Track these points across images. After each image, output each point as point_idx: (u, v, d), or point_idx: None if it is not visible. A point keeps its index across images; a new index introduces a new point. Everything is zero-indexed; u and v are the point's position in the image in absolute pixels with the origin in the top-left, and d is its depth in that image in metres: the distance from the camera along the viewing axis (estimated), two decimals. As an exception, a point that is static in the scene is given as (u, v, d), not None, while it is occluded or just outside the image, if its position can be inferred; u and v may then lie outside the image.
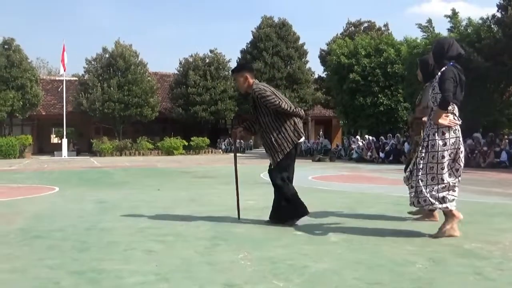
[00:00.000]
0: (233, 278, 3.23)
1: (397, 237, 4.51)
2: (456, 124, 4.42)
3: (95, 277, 3.30)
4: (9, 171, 17.08)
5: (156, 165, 19.88)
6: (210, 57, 37.60)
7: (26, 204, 7.32)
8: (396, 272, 3.33)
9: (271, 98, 5.02)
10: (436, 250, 3.97)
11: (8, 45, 32.05)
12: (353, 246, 4.13)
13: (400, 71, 25.33)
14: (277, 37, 37.71)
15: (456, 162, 4.44)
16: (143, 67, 35.08)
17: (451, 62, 4.53)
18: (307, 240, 4.43)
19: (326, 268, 3.45)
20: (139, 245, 4.28)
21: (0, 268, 3.54)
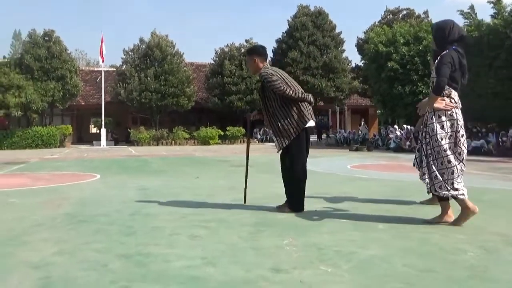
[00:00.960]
0: (280, 263, 3.20)
1: (446, 225, 4.41)
2: (452, 108, 4.37)
3: (142, 261, 3.32)
4: (51, 159, 17.50)
5: (193, 154, 20.03)
6: (246, 47, 37.50)
7: (71, 190, 7.48)
8: (447, 260, 3.24)
9: (277, 83, 4.99)
10: (487, 239, 3.85)
11: (49, 37, 32.70)
12: (401, 234, 4.05)
13: (440, 59, 24.73)
14: (313, 26, 37.34)
15: (457, 146, 4.37)
16: (179, 57, 35.28)
17: (454, 46, 4.45)
18: (353, 227, 4.37)
19: (374, 254, 3.38)
20: (183, 230, 4.30)
21: (49, 251, 3.61)
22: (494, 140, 18.61)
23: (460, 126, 4.39)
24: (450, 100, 4.40)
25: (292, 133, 5.06)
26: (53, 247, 3.74)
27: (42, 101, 30.43)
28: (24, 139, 30.46)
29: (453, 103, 4.40)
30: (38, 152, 24.08)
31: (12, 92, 29.00)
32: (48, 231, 4.33)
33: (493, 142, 18.55)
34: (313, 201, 5.87)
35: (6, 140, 30.18)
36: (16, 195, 6.99)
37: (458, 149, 4.37)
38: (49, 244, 3.84)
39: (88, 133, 42.78)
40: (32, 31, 32.70)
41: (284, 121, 5.06)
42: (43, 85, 30.81)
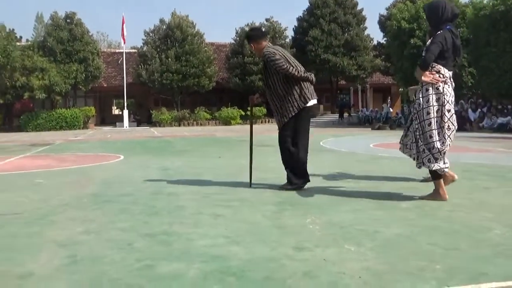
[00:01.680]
0: (303, 242, 3.20)
1: (471, 203, 4.36)
2: (439, 81, 4.38)
3: (166, 239, 3.35)
4: (75, 141, 17.74)
5: (214, 134, 20.10)
6: (266, 26, 37.18)
7: (95, 171, 7.59)
8: (473, 238, 3.20)
9: (280, 61, 5.02)
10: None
11: (70, 19, 32.91)
12: (425, 212, 4.01)
13: (465, 35, 24.21)
14: (335, 4, 36.86)
15: (443, 120, 4.40)
16: (200, 37, 35.21)
17: (448, 25, 4.49)
18: (376, 205, 4.34)
19: (399, 233, 3.36)
20: (206, 209, 4.32)
21: (76, 230, 3.66)
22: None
23: (447, 101, 4.41)
24: (439, 75, 4.42)
25: (292, 111, 5.11)
26: (79, 226, 3.80)
27: (65, 83, 30.77)
28: (48, 121, 30.94)
29: (441, 78, 4.42)
30: (62, 134, 24.44)
31: (36, 75, 29.37)
32: (74, 211, 4.40)
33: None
34: (335, 180, 5.87)
35: (31, 122, 30.69)
36: (42, 176, 7.11)
37: (443, 123, 4.40)
38: (76, 223, 3.90)
39: (111, 115, 43.21)
40: (54, 13, 32.97)
41: (285, 99, 5.12)
42: (66, 67, 31.13)
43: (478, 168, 6.90)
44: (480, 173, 6.39)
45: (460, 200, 4.46)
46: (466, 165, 7.32)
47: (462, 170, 6.72)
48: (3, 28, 31.50)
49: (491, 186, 5.33)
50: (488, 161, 7.96)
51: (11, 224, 3.95)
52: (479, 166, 7.23)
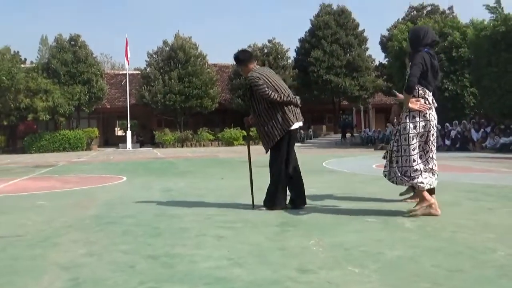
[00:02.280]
0: (306, 264, 3.18)
1: (474, 224, 4.33)
2: (426, 109, 4.55)
3: (169, 262, 3.34)
4: (78, 162, 17.77)
5: (217, 155, 20.10)
6: (269, 47, 37.50)
7: (98, 192, 7.58)
8: (477, 259, 3.17)
9: (262, 87, 5.08)
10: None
11: (75, 42, 33.24)
12: (428, 233, 3.99)
13: (466, 55, 24.37)
14: (336, 25, 37.19)
15: (427, 144, 4.63)
16: (203, 58, 35.48)
17: (426, 48, 4.68)
18: (379, 226, 4.32)
19: (402, 255, 3.33)
20: (209, 231, 4.30)
21: (78, 253, 3.65)
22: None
23: (432, 126, 4.61)
24: (425, 101, 4.59)
25: (277, 135, 5.17)
26: (82, 248, 3.79)
27: (69, 104, 30.95)
28: (51, 142, 31.07)
29: (427, 104, 4.59)
30: (65, 155, 24.50)
31: (40, 97, 29.57)
32: (77, 233, 4.39)
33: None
34: (338, 201, 5.85)
35: (35, 143, 30.81)
36: (45, 197, 7.11)
37: (427, 147, 4.64)
38: (78, 245, 3.89)
39: (114, 136, 43.32)
40: (58, 36, 33.31)
41: (269, 123, 5.18)
42: (70, 89, 31.35)
43: (482, 189, 6.86)
44: (484, 193, 6.35)
45: (464, 221, 4.44)
46: (470, 185, 7.31)
47: (466, 190, 6.72)
48: (8, 51, 31.82)
49: (495, 206, 5.29)
50: (492, 182, 7.92)
51: (14, 246, 3.94)
52: (483, 186, 7.19)
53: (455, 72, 25.23)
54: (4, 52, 31.56)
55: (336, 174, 10.05)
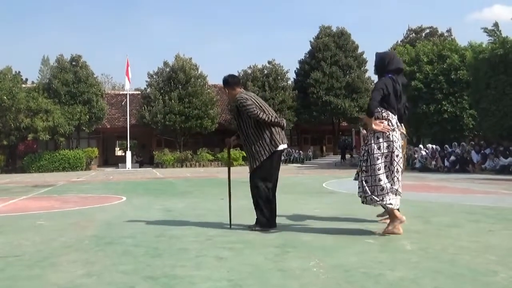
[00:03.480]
0: (307, 285, 3.16)
1: (476, 246, 4.30)
2: (389, 130, 4.73)
3: (168, 283, 3.31)
4: (78, 182, 17.73)
5: (216, 176, 20.06)
6: (268, 68, 37.70)
7: (97, 213, 7.55)
8: (479, 282, 3.15)
9: (251, 107, 5.20)
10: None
11: (76, 62, 33.42)
12: (429, 255, 3.96)
13: (465, 77, 24.54)
14: (336, 47, 37.46)
15: (392, 165, 4.77)
16: (203, 79, 35.62)
17: (390, 74, 4.89)
18: (380, 248, 4.30)
19: (403, 276, 3.31)
20: (209, 252, 4.28)
21: (77, 273, 3.62)
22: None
23: (396, 147, 4.76)
24: (388, 123, 4.76)
25: (263, 155, 5.24)
26: (81, 268, 3.76)
27: (69, 124, 30.98)
28: (51, 162, 31.04)
29: (390, 126, 4.76)
30: (65, 175, 24.46)
31: (40, 116, 29.63)
32: (76, 253, 4.36)
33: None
34: (338, 222, 5.83)
35: (35, 163, 30.79)
36: (44, 217, 7.09)
37: (392, 167, 4.77)
38: (77, 265, 3.87)
39: (114, 156, 43.35)
40: (60, 56, 33.52)
41: (256, 143, 5.26)
42: (70, 109, 31.42)
43: (482, 211, 6.85)
44: (485, 215, 6.33)
45: (465, 243, 4.42)
46: (470, 207, 7.30)
47: (466, 212, 6.71)
48: (9, 71, 32.01)
49: (496, 228, 5.27)
50: (491, 203, 7.91)
51: (12, 266, 3.92)
52: (483, 208, 7.18)
53: (454, 94, 25.38)
54: (5, 72, 31.74)
55: (336, 195, 10.01)
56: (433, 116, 25.47)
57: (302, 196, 9.45)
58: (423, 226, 5.48)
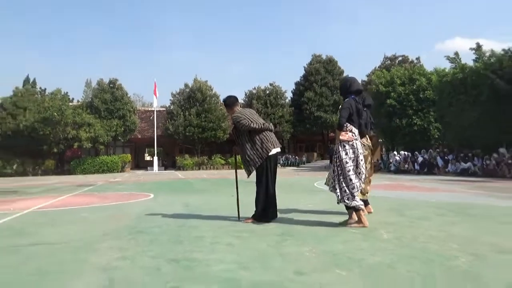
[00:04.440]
0: (302, 267, 3.14)
1: (442, 235, 4.26)
2: (352, 139, 4.79)
3: (189, 265, 3.31)
4: (114, 182, 17.74)
5: (228, 177, 20.01)
6: (270, 89, 37.77)
7: (130, 207, 7.55)
8: (445, 265, 3.13)
9: (243, 121, 5.22)
10: (478, 247, 3.70)
11: (113, 84, 33.61)
12: (403, 243, 3.93)
13: (431, 96, 24.46)
14: (325, 71, 37.54)
15: (358, 168, 4.80)
16: (216, 98, 35.68)
17: (352, 95, 4.95)
18: (362, 237, 4.27)
19: (381, 261, 3.29)
20: (222, 239, 4.27)
21: (113, 257, 3.62)
22: (479, 163, 18.15)
23: (359, 153, 4.82)
24: (352, 134, 4.82)
25: (257, 162, 5.20)
26: (117, 253, 3.76)
27: (107, 135, 31.11)
28: (93, 165, 31.11)
29: (354, 136, 4.82)
30: (103, 176, 24.48)
31: (84, 129, 29.77)
32: (112, 240, 4.36)
33: (478, 165, 18.09)
34: (328, 215, 5.80)
35: (79, 166, 30.88)
36: (87, 211, 7.09)
37: (358, 170, 4.80)
38: (114, 251, 3.86)
39: (143, 161, 43.35)
40: (100, 80, 33.80)
41: (251, 152, 5.23)
42: (108, 122, 31.56)
43: (447, 206, 6.80)
44: (448, 210, 6.29)
45: (433, 233, 4.38)
46: (437, 203, 7.26)
47: (434, 207, 6.67)
48: (59, 92, 32.25)
49: (458, 221, 5.23)
50: (454, 200, 7.85)
51: (61, 251, 3.93)
52: (447, 204, 7.13)
53: (422, 110, 25.29)
54: (56, 93, 31.98)
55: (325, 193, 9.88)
56: (405, 128, 25.38)
57: (298, 194, 9.41)
58: (398, 219, 5.44)
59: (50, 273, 3.17)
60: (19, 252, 3.91)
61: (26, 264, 3.44)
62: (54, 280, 2.99)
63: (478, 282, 2.74)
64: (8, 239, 4.57)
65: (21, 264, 3.45)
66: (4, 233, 5.00)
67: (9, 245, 4.26)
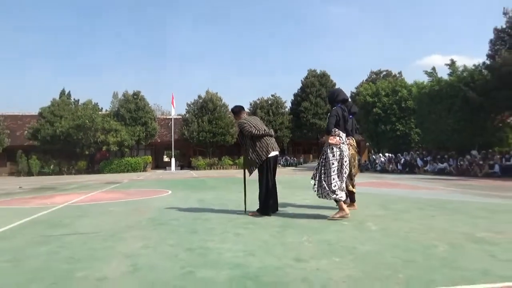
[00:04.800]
0: (301, 255, 3.13)
1: (422, 227, 4.23)
2: (339, 143, 4.78)
3: (202, 252, 3.30)
4: (137, 180, 17.76)
5: (236, 175, 20.01)
6: (272, 100, 37.75)
7: (151, 202, 7.53)
8: (425, 254, 3.10)
9: (246, 128, 5.23)
10: (454, 237, 3.67)
11: (136, 95, 33.72)
12: (389, 233, 3.90)
13: (412, 106, 24.36)
14: (319, 84, 37.49)
15: (342, 168, 4.78)
16: (225, 107, 35.68)
17: (339, 104, 4.96)
18: (353, 228, 4.24)
19: (370, 249, 3.27)
20: (231, 230, 4.26)
21: (137, 245, 3.62)
22: (454, 164, 18.03)
23: (345, 155, 4.80)
24: (339, 138, 4.82)
25: (258, 162, 5.20)
26: (140, 242, 3.76)
27: (131, 139, 31.20)
28: (119, 166, 31.21)
29: (341, 140, 4.82)
30: (128, 175, 24.52)
31: (111, 134, 29.86)
32: (136, 231, 4.36)
33: (453, 165, 17.97)
34: (323, 209, 5.76)
35: (107, 167, 30.98)
36: (114, 205, 7.10)
37: (343, 170, 4.79)
38: (137, 240, 3.86)
39: (162, 161, 43.40)
40: (125, 92, 33.92)
41: (252, 154, 5.24)
42: (132, 129, 31.67)
43: (426, 201, 6.75)
44: (428, 204, 6.24)
45: (414, 225, 4.35)
46: (418, 199, 7.20)
47: (415, 202, 6.62)
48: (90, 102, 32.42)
49: (436, 214, 5.18)
50: (433, 196, 7.80)
51: (92, 240, 3.93)
52: (427, 200, 7.07)
53: (404, 118, 25.19)
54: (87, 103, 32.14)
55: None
56: (389, 133, 25.29)
57: (296, 190, 9.37)
58: (384, 212, 5.40)
59: (82, 260, 3.17)
60: (54, 241, 3.91)
61: (59, 253, 3.44)
62: (85, 266, 2.98)
63: (455, 268, 2.71)
64: (46, 230, 4.59)
65: (55, 253, 3.45)
66: (43, 224, 5.02)
67: (46, 235, 4.27)
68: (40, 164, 30.85)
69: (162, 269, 2.84)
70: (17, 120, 36.73)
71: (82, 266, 2.97)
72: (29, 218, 5.53)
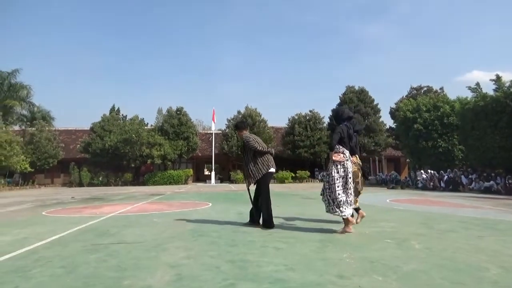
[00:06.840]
0: (343, 272, 3.02)
1: (469, 247, 3.97)
2: (343, 160, 4.74)
3: (243, 265, 3.27)
4: (179, 192, 18.09)
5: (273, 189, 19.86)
6: (310, 115, 37.43)
7: (192, 214, 7.61)
8: (475, 276, 2.90)
9: (252, 143, 5.41)
10: (505, 260, 3.41)
11: (179, 111, 34.61)
12: (434, 253, 3.69)
13: (455, 122, 23.30)
14: (358, 100, 36.77)
15: (347, 183, 4.74)
16: (264, 123, 35.78)
17: (345, 122, 5.00)
18: (396, 246, 4.06)
19: (415, 268, 3.10)
20: (270, 244, 4.21)
21: (180, 256, 3.65)
22: (501, 182, 16.94)
23: (349, 171, 4.77)
24: (344, 155, 4.79)
25: (257, 176, 5.38)
26: (182, 253, 3.79)
27: (174, 153, 31.92)
28: (162, 178, 31.93)
29: (345, 157, 4.78)
30: (171, 187, 25.04)
31: (156, 148, 30.76)
32: (179, 242, 4.41)
33: (501, 184, 16.88)
34: (362, 226, 5.58)
35: (151, 179, 31.80)
36: (158, 216, 7.23)
37: (347, 185, 4.74)
38: (180, 250, 3.90)
39: (203, 175, 44.02)
40: (169, 108, 34.90)
41: (253, 167, 5.41)
42: (175, 143, 32.41)
43: (472, 221, 6.36)
44: (474, 224, 5.87)
45: (460, 245, 4.09)
46: (462, 218, 6.81)
47: (460, 221, 6.26)
48: (137, 118, 33.67)
49: (483, 234, 4.86)
50: (479, 215, 7.33)
51: (136, 250, 4.00)
52: (472, 219, 6.66)
53: (446, 134, 24.12)
54: (134, 119, 33.41)
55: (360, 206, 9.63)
56: (430, 150, 24.26)
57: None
58: (427, 231, 5.13)
59: (128, 269, 3.24)
60: (103, 250, 4.03)
61: (107, 261, 3.53)
62: (131, 274, 3.04)
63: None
64: (95, 238, 4.74)
65: (103, 261, 3.54)
66: (92, 233, 5.19)
67: (94, 243, 4.41)
68: (90, 176, 32.26)
69: (205, 280, 2.83)
70: (71, 135, 38.87)
71: (129, 275, 3.03)
72: (80, 227, 5.76)
